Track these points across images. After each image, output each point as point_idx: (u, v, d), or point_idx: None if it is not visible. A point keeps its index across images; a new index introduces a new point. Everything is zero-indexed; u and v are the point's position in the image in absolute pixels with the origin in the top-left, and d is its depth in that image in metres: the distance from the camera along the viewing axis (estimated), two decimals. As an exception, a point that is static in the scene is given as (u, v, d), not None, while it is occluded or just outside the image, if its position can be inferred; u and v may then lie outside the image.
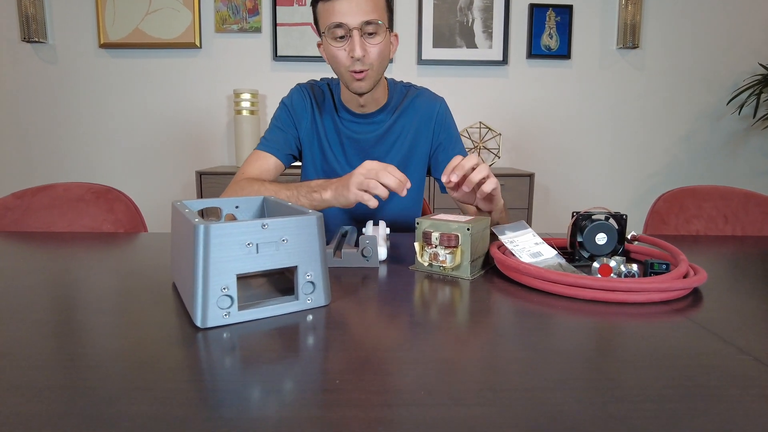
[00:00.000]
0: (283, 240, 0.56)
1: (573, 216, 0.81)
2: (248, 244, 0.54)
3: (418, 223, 0.75)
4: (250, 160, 1.11)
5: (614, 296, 0.62)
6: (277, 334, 0.52)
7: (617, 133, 2.72)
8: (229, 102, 2.62)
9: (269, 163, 1.11)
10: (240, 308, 0.55)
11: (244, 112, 2.46)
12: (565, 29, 2.61)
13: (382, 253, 0.79)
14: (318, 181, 0.96)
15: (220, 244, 0.52)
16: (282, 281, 0.68)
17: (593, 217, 0.81)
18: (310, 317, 0.57)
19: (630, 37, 2.60)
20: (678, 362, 0.46)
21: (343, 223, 1.19)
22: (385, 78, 1.14)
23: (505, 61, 2.60)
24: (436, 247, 0.72)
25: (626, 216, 0.81)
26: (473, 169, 0.82)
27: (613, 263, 0.71)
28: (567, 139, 2.71)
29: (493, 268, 0.78)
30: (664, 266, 0.69)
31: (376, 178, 0.83)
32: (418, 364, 0.45)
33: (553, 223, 2.76)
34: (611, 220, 0.80)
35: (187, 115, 2.63)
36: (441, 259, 0.72)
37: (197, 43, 2.55)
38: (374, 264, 0.77)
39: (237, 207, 0.74)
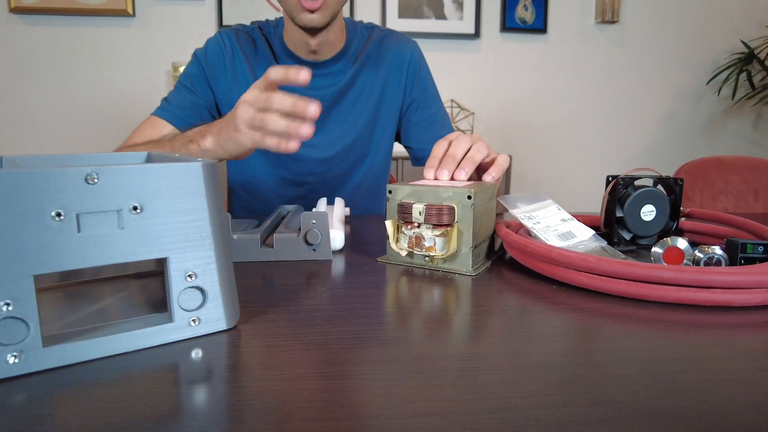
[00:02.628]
0: (134, 208, 0.29)
1: (608, 181, 0.57)
2: (57, 216, 0.27)
3: (390, 192, 0.49)
4: (140, 129, 0.82)
5: (713, 297, 0.38)
6: (127, 394, 0.26)
7: (597, 114, 2.54)
8: (168, 78, 2.29)
9: (163, 132, 0.81)
10: (47, 342, 0.28)
11: (184, 89, 2.14)
12: (541, 1, 2.40)
13: (338, 239, 0.53)
14: (198, 128, 0.66)
15: (-7, 215, 0.25)
16: (157, 287, 0.41)
17: (636, 183, 0.57)
18: (196, 355, 0.30)
19: (609, 10, 2.42)
20: None
21: (280, 201, 0.92)
22: (343, 17, 0.88)
23: (477, 34, 2.38)
24: (419, 227, 0.47)
25: (682, 181, 0.57)
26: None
27: (682, 245, 0.48)
28: (543, 119, 2.51)
29: (501, 256, 0.53)
30: (761, 248, 0.46)
31: (268, 107, 0.54)
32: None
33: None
34: (660, 187, 0.57)
35: (118, 93, 2.29)
36: (427, 245, 0.47)
37: (130, 11, 2.21)
38: (324, 256, 0.51)
39: (102, 168, 0.46)
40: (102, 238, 0.28)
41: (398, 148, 1.26)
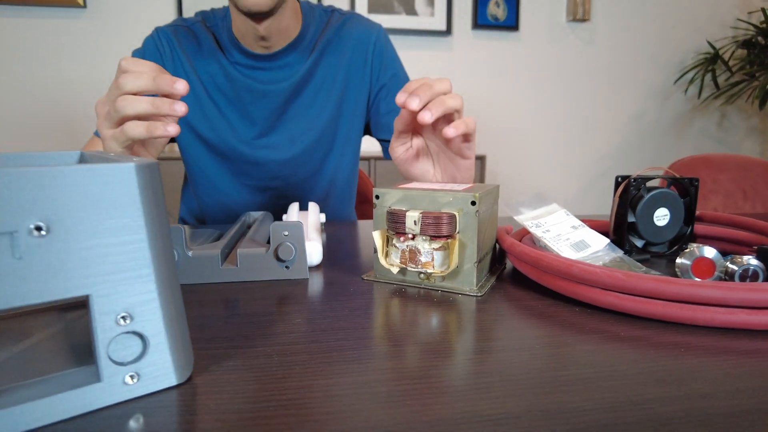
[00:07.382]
0: (36, 229, 0.20)
1: (618, 183, 0.51)
2: None
3: (378, 198, 0.42)
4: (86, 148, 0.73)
5: None
6: None
7: (568, 112, 2.53)
8: (123, 73, 2.15)
9: None
10: None
11: (141, 84, 2.00)
12: (512, -3, 2.37)
13: (315, 253, 0.46)
14: None
15: None
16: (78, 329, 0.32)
17: (648, 184, 0.51)
18: (135, 425, 0.22)
19: (580, 9, 2.41)
20: None
21: (247, 206, 0.83)
22: (297, 0, 0.80)
23: (448, 31, 2.33)
24: (413, 238, 0.39)
25: (698, 181, 0.52)
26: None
27: (711, 254, 0.42)
28: (515, 117, 2.48)
29: (502, 270, 0.47)
30: (800, 258, 0.41)
31: (122, 90, 0.46)
32: None
33: (505, 212, 2.53)
34: (673, 189, 0.52)
35: (68, 92, 2.13)
36: (424, 260, 0.39)
37: (80, 1, 2.06)
38: (300, 274, 0.43)
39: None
40: (-13, 273, 0.19)
41: (367, 147, 1.18)
